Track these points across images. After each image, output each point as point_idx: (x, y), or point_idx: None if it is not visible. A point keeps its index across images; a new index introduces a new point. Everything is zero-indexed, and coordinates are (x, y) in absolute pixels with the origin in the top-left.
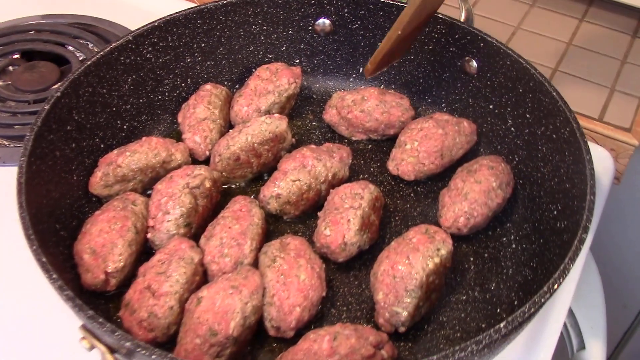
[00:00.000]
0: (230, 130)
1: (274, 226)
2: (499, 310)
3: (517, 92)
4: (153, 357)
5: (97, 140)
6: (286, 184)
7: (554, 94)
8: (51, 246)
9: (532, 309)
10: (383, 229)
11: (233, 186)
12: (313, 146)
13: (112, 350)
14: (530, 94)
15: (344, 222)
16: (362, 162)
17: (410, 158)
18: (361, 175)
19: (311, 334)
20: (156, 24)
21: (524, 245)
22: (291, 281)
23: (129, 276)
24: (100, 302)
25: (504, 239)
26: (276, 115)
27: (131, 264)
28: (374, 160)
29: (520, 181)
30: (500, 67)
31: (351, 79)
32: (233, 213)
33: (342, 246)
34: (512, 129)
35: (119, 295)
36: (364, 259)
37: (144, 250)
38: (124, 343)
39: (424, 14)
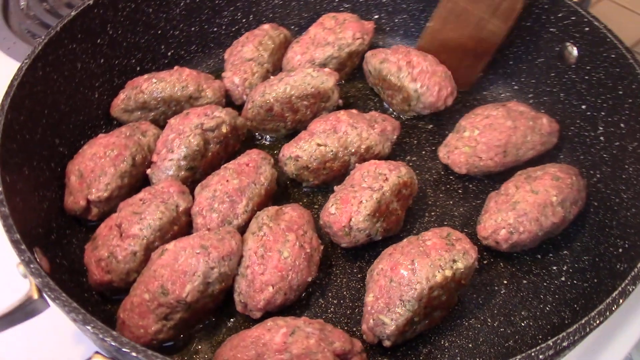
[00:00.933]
0: (272, 77)
1: (291, 192)
2: (516, 351)
3: (616, 94)
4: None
5: (134, 61)
6: (309, 147)
7: None
8: (39, 160)
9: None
10: (411, 222)
11: (265, 141)
12: (355, 111)
13: None
14: (631, 99)
15: (355, 202)
16: (415, 141)
17: (466, 148)
18: (408, 157)
19: (270, 321)
20: None
21: (574, 282)
22: (271, 256)
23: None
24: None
25: (554, 267)
26: (327, 69)
27: (120, 197)
28: (430, 143)
29: (595, 203)
30: (603, 60)
31: None
32: (237, 166)
33: (345, 229)
34: (602, 138)
35: None
36: (378, 251)
37: (144, 187)
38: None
39: (466, 26)
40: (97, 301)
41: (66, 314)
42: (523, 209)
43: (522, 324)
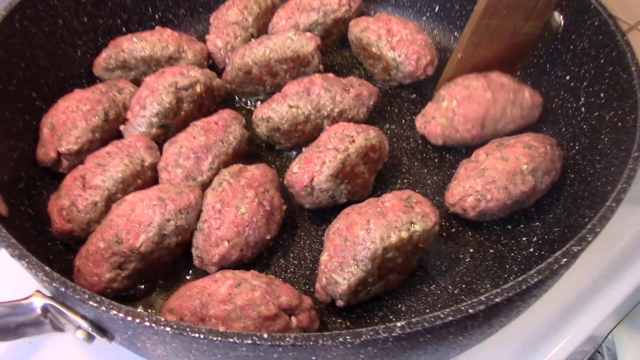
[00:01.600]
0: (253, 40)
1: (265, 154)
2: None
3: (598, 63)
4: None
5: (119, 22)
6: (280, 108)
7: (633, 69)
8: (13, 111)
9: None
10: (382, 188)
11: (244, 104)
12: (331, 75)
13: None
14: (611, 67)
15: (319, 162)
16: (395, 110)
17: (443, 119)
18: (387, 125)
19: (219, 273)
20: None
21: (542, 253)
22: (228, 211)
23: None
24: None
25: (524, 238)
26: (307, 34)
27: (90, 151)
28: (410, 112)
29: (572, 175)
30: (587, 29)
31: (424, 18)
32: (206, 124)
33: (307, 189)
34: (583, 109)
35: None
36: None
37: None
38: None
39: (500, 41)
40: (60, 250)
41: (4, 248)
42: (492, 176)
43: (483, 293)
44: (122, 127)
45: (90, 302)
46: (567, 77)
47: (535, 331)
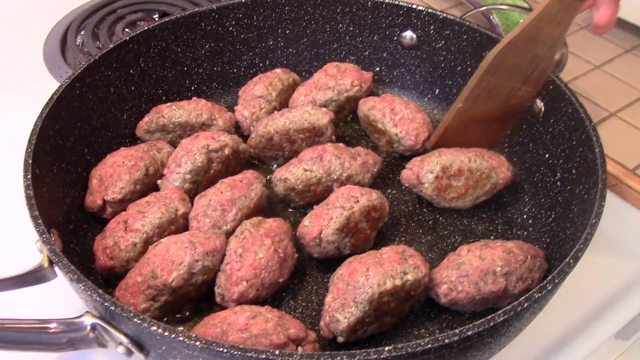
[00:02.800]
0: (275, 112)
1: (280, 210)
2: None
3: (570, 144)
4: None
5: (161, 92)
6: (296, 171)
7: (597, 150)
8: (68, 163)
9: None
10: (382, 243)
11: (264, 165)
12: (342, 145)
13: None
14: (580, 148)
15: (327, 218)
16: (397, 177)
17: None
18: (389, 190)
19: (238, 307)
20: (243, 0)
21: None
22: (248, 256)
23: None
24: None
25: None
26: (323, 109)
27: (131, 200)
28: None
29: (548, 240)
30: (563, 114)
31: (426, 99)
32: (232, 181)
33: (316, 240)
34: (559, 183)
35: None
36: None
37: None
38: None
39: (497, 99)
40: (101, 284)
41: (64, 274)
42: (466, 270)
43: None
44: (159, 181)
45: (135, 319)
46: (547, 155)
47: None
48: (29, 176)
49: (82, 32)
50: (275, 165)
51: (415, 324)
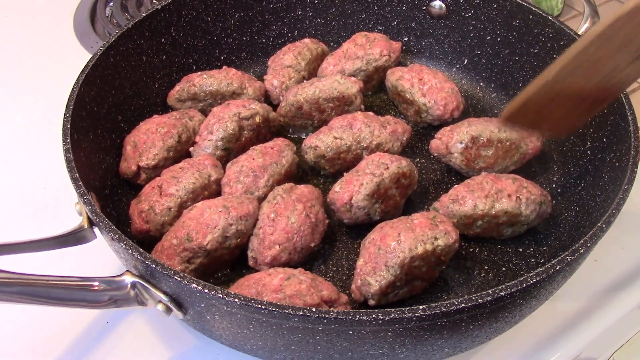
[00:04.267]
0: (304, 81)
1: (310, 178)
2: None
3: (602, 113)
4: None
5: (191, 61)
6: (327, 139)
7: (630, 118)
8: (103, 130)
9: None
10: (410, 210)
11: (292, 135)
12: (371, 113)
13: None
14: (612, 117)
15: (357, 184)
16: (425, 146)
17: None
18: (417, 158)
19: (272, 269)
20: None
21: None
22: (280, 220)
23: None
24: None
25: (532, 260)
26: (352, 78)
27: (165, 166)
28: None
29: (577, 208)
30: None
31: (454, 69)
32: (264, 148)
33: (346, 206)
34: (589, 152)
35: None
36: None
37: None
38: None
39: (595, 76)
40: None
41: (105, 234)
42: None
43: None
44: (191, 149)
45: (176, 277)
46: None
47: (530, 346)
48: (68, 140)
49: (111, 4)
50: (304, 134)
51: (445, 288)
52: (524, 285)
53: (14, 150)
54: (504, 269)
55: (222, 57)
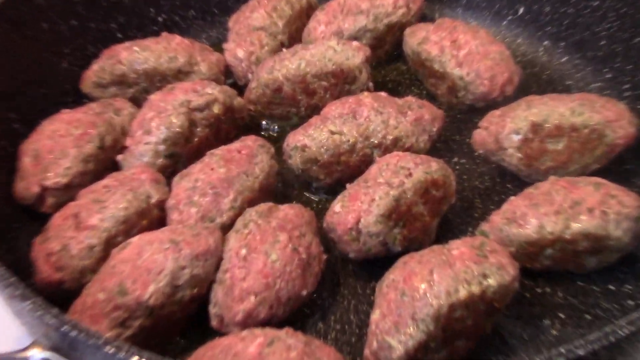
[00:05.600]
0: (284, 50)
1: (297, 191)
2: None
3: None
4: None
5: (115, 26)
6: (319, 135)
7: None
8: None
9: None
10: (448, 235)
11: (272, 132)
12: (383, 94)
13: None
14: None
15: (366, 200)
16: (466, 139)
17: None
18: (456, 158)
19: (246, 331)
20: None
21: None
22: (255, 258)
23: None
24: None
25: (630, 301)
26: (354, 43)
27: (82, 186)
28: None
29: None
30: None
31: (504, 23)
32: (226, 153)
33: (352, 233)
34: None
35: None
36: None
37: None
38: None
39: None
40: None
41: (2, 289)
42: None
43: None
44: (119, 157)
45: (106, 348)
46: None
47: None
48: None
49: None
50: (286, 129)
51: (501, 349)
52: (618, 337)
53: None
54: (588, 316)
55: (160, 19)
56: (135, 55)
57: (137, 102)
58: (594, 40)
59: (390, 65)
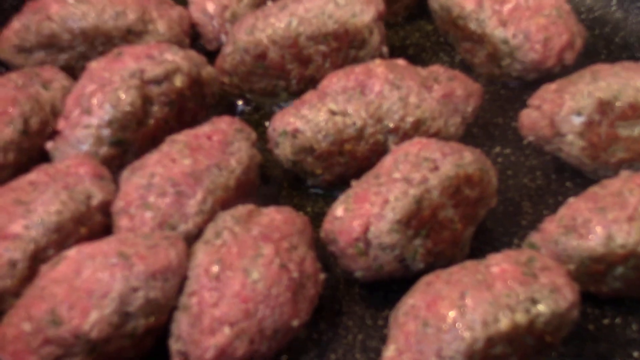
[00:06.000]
0: (270, 3)
1: (286, 190)
2: None
3: None
4: None
5: None
6: (316, 116)
7: None
8: None
9: None
10: (488, 249)
11: (253, 111)
12: (402, 62)
13: None
14: None
15: (378, 201)
16: (512, 123)
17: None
18: (498, 147)
19: None
20: None
21: None
22: (232, 277)
23: None
24: None
25: None
26: None
27: (3, 180)
28: None
29: None
30: None
31: None
32: (193, 139)
33: (358, 244)
34: None
35: None
36: None
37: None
38: None
39: None
40: None
41: None
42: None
43: None
44: (50, 145)
45: None
46: None
47: None
48: None
49: None
50: (273, 108)
51: None
52: None
53: None
54: None
55: None
56: (70, 9)
57: (73, 71)
58: None
59: (412, 24)
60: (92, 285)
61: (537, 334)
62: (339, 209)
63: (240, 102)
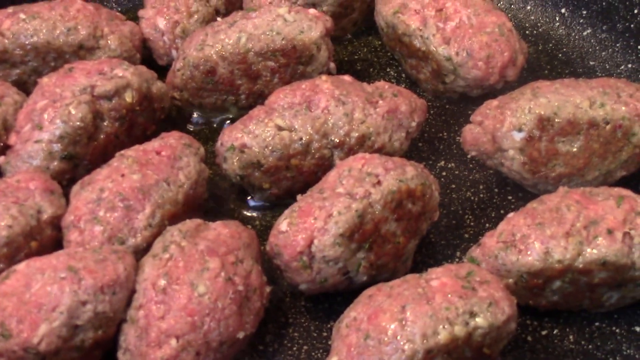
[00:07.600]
0: (220, 19)
1: (233, 204)
2: None
3: None
4: None
5: None
6: (263, 131)
7: None
8: None
9: None
10: (430, 263)
11: (203, 126)
12: (348, 78)
13: None
14: None
15: (322, 215)
16: (455, 137)
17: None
18: (442, 161)
19: None
20: None
21: None
22: (178, 291)
23: None
24: None
25: None
26: (311, 11)
27: None
28: None
29: None
30: None
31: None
32: (143, 154)
33: (302, 258)
34: None
35: None
36: None
37: None
38: None
39: None
40: None
41: None
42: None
43: None
44: (0, 160)
45: None
46: None
47: None
48: None
49: None
50: (222, 124)
51: None
52: None
53: None
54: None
55: None
56: (22, 25)
57: (25, 86)
58: (626, 7)
59: (360, 39)
60: (41, 298)
61: (475, 346)
62: (283, 223)
63: (195, 114)
